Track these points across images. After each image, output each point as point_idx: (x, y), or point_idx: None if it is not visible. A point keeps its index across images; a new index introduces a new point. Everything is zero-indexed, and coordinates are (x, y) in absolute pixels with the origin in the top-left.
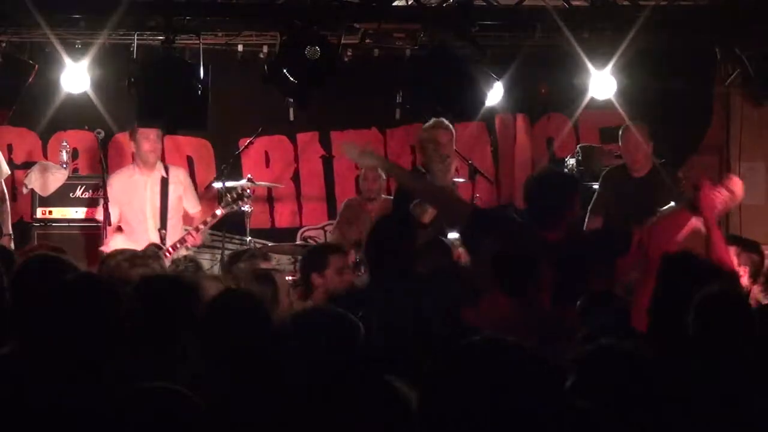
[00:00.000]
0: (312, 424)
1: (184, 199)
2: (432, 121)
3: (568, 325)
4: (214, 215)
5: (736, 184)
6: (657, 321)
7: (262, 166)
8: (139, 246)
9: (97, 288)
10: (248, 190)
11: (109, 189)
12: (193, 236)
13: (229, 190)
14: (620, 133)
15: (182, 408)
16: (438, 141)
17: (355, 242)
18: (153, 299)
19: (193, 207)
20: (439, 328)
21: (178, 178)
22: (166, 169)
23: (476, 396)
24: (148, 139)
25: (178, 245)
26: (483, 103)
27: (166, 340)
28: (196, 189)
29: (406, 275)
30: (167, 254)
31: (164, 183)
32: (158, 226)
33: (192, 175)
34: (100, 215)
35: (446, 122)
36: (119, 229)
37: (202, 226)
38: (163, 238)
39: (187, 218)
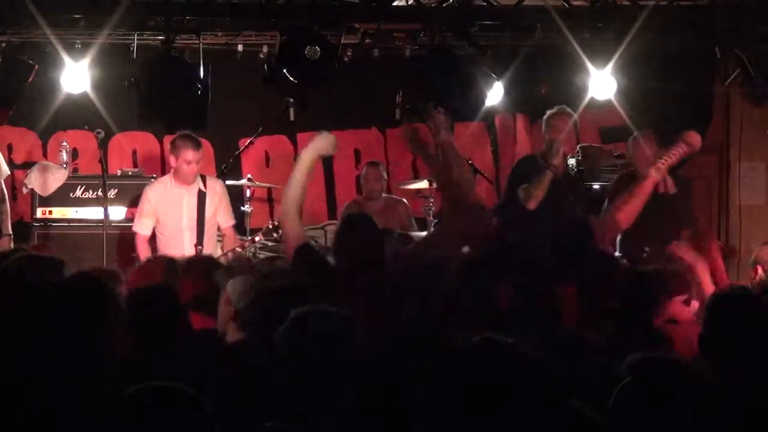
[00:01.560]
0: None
1: (218, 211)
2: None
3: None
4: (252, 240)
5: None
6: None
7: (262, 166)
8: None
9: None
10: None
11: (145, 201)
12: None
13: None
14: (629, 143)
15: (184, 407)
16: (552, 126)
17: None
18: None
19: (226, 221)
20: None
21: (215, 190)
22: (204, 181)
23: (474, 396)
24: (189, 162)
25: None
26: (483, 103)
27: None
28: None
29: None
30: None
31: (201, 197)
32: (194, 240)
33: None
34: (141, 225)
35: (566, 109)
36: (152, 240)
37: (239, 249)
38: (198, 254)
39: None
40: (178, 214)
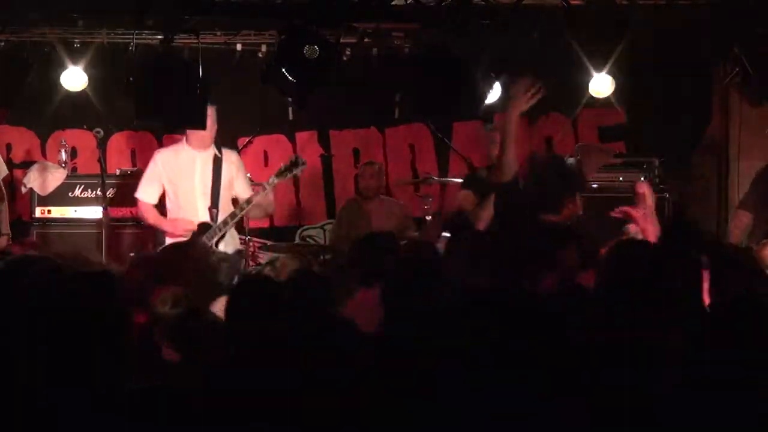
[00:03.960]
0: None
1: (235, 181)
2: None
3: None
4: (269, 183)
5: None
6: None
7: (261, 165)
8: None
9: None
10: (301, 158)
11: (152, 166)
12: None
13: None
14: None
15: (179, 406)
16: None
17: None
18: None
19: (245, 191)
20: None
21: (231, 159)
22: (219, 150)
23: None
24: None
25: (230, 219)
26: (482, 102)
27: None
28: None
29: None
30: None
31: (217, 161)
32: (209, 204)
33: None
34: (144, 192)
35: None
36: (155, 208)
37: (254, 197)
38: (213, 217)
39: (236, 204)
40: (191, 177)
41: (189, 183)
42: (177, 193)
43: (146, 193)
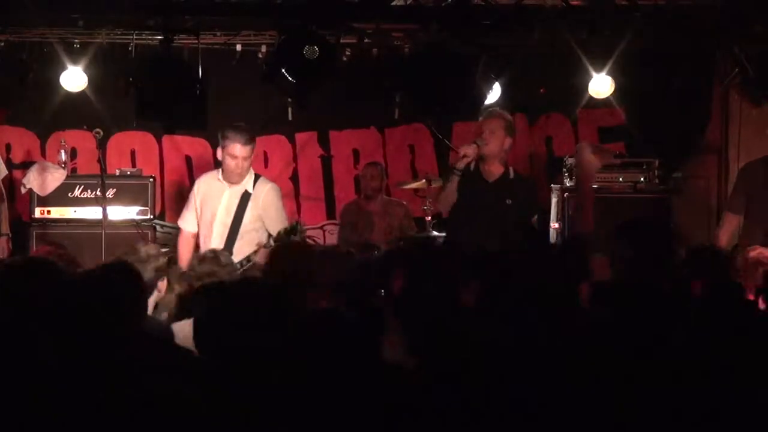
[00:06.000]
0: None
1: (264, 218)
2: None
3: None
4: (266, 246)
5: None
6: None
7: (261, 165)
8: None
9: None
10: (301, 225)
11: (192, 192)
12: None
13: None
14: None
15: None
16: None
17: (359, 244)
18: None
19: (274, 225)
20: None
21: (262, 193)
22: (255, 182)
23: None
24: (235, 157)
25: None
26: (482, 102)
27: None
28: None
29: None
30: None
31: (245, 198)
32: (222, 247)
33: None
34: (183, 220)
35: (493, 110)
36: (193, 239)
37: (253, 256)
38: None
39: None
40: (213, 212)
41: (210, 217)
42: (201, 222)
43: (185, 220)
